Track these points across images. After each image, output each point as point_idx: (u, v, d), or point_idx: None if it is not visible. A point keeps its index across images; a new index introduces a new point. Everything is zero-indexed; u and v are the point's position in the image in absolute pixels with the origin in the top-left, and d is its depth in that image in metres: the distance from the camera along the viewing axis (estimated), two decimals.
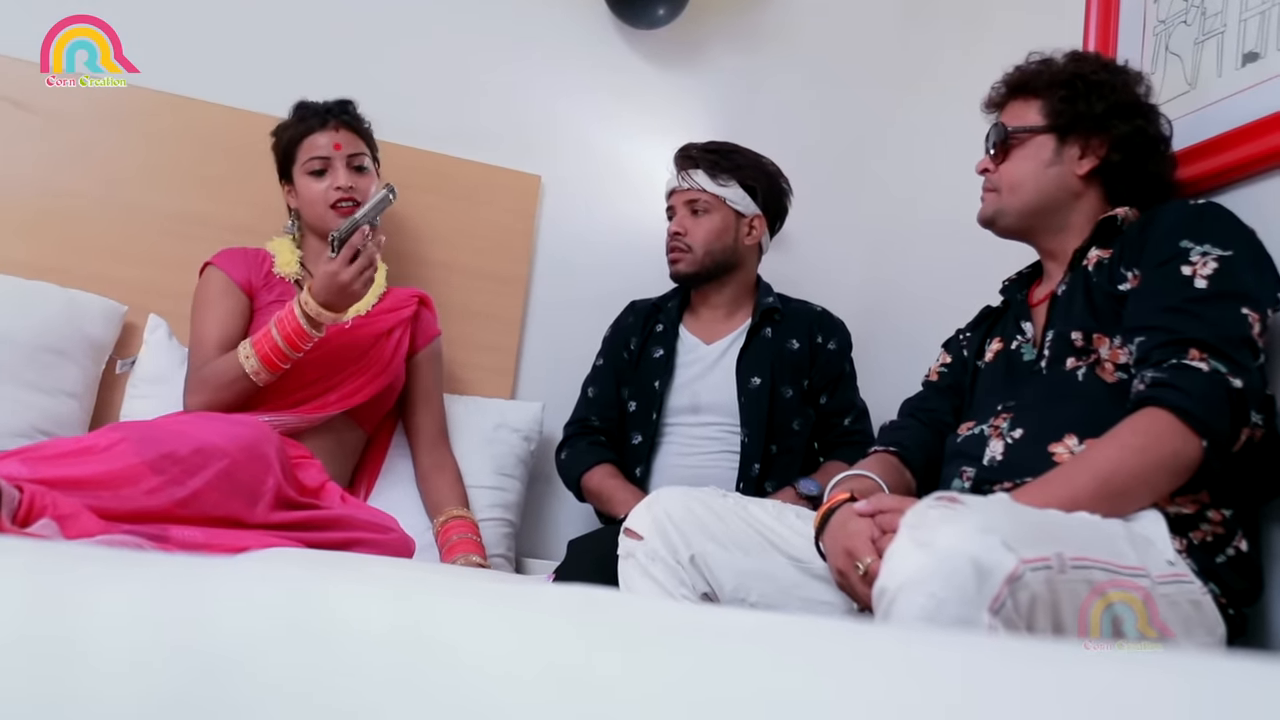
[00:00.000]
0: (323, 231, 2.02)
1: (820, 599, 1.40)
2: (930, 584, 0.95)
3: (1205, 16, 1.64)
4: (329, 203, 2.00)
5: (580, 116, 2.59)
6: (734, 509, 1.44)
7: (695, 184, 2.18)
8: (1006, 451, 1.39)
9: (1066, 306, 1.43)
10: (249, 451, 1.57)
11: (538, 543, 2.41)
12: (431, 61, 2.47)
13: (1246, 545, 1.26)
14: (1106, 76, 1.49)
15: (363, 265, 1.77)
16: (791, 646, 0.42)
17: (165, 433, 1.55)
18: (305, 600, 0.40)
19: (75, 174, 2.16)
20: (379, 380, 2.02)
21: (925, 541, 0.98)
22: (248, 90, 2.28)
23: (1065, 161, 1.49)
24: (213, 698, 0.36)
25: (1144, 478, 1.19)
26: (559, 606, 0.45)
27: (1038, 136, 1.50)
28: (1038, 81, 1.52)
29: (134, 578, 0.41)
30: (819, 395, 2.19)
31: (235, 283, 1.99)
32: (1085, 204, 1.50)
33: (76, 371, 2.00)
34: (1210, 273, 1.25)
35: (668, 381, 2.18)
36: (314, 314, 1.78)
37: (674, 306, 2.26)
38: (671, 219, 2.21)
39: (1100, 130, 1.46)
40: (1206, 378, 1.18)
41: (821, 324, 2.23)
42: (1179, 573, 1.16)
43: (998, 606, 0.95)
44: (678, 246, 2.18)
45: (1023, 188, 1.51)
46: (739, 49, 2.72)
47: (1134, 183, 1.48)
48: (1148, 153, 1.47)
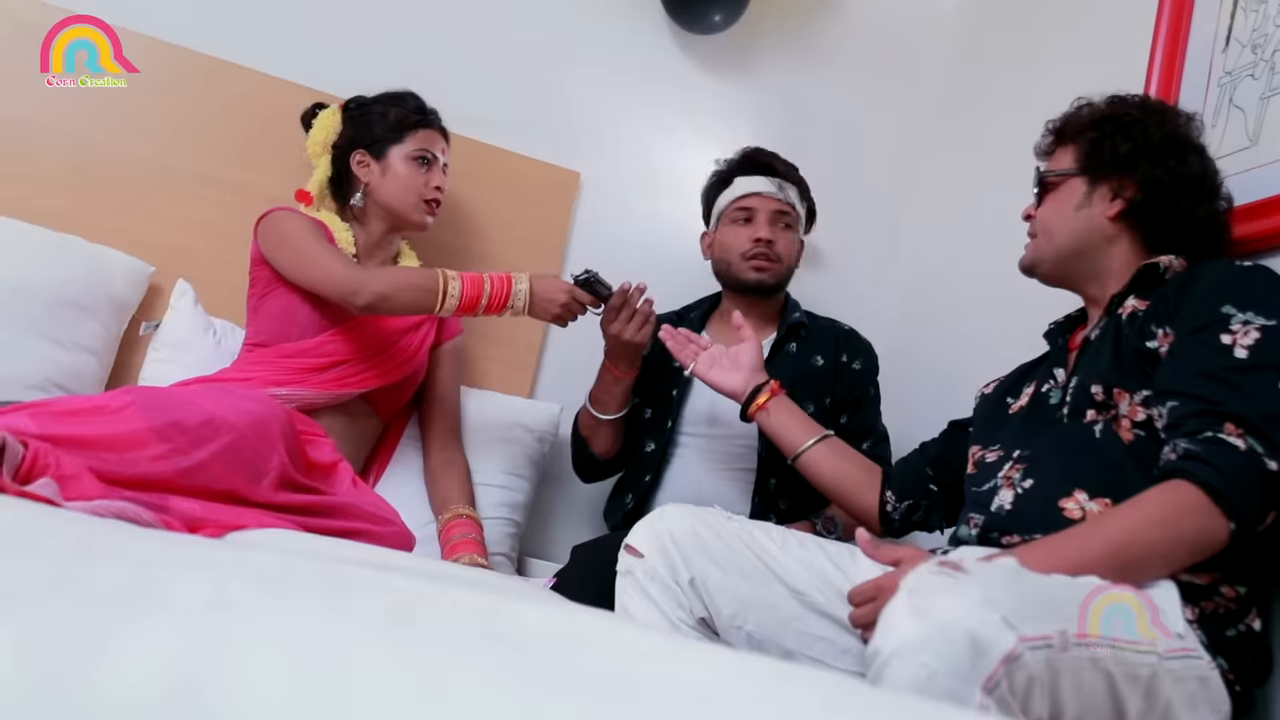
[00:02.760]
0: (396, 219, 2.03)
1: (817, 634, 1.38)
2: (924, 654, 0.92)
3: (1273, 72, 1.59)
4: (424, 196, 2.01)
5: (625, 116, 2.56)
6: (738, 533, 1.42)
7: (788, 198, 2.16)
8: (1016, 502, 1.36)
9: (1094, 356, 1.39)
10: (256, 428, 1.56)
11: (542, 543, 2.39)
12: (479, 49, 2.45)
13: (1260, 625, 1.22)
14: (1139, 116, 1.45)
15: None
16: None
17: (175, 401, 1.54)
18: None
19: (111, 131, 2.16)
20: (401, 369, 2.00)
21: (923, 610, 0.94)
22: (291, 60, 2.27)
23: (1095, 204, 1.45)
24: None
25: (1161, 552, 1.15)
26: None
27: (1070, 180, 1.48)
28: (1074, 125, 1.50)
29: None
30: (840, 414, 2.15)
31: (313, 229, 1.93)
32: (1120, 249, 1.45)
33: (97, 328, 1.99)
34: (1252, 343, 1.20)
35: (686, 390, 2.15)
36: (521, 304, 1.83)
37: (696, 317, 2.24)
38: (748, 221, 2.15)
39: (1128, 171, 1.42)
40: (1243, 457, 1.13)
41: (849, 343, 2.21)
42: (1187, 647, 1.12)
43: (991, 686, 0.91)
44: (767, 255, 2.13)
45: (1055, 232, 1.49)
46: (791, 63, 2.69)
47: (1171, 226, 1.42)
48: (1179, 194, 1.41)
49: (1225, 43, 1.72)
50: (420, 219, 2.03)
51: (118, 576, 0.55)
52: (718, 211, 2.21)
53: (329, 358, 1.91)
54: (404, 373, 2.02)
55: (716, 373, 1.75)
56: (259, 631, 0.46)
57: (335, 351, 1.92)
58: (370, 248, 2.05)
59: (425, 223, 2.04)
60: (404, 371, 2.01)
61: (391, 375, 1.99)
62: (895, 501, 1.62)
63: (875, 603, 1.16)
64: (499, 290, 1.82)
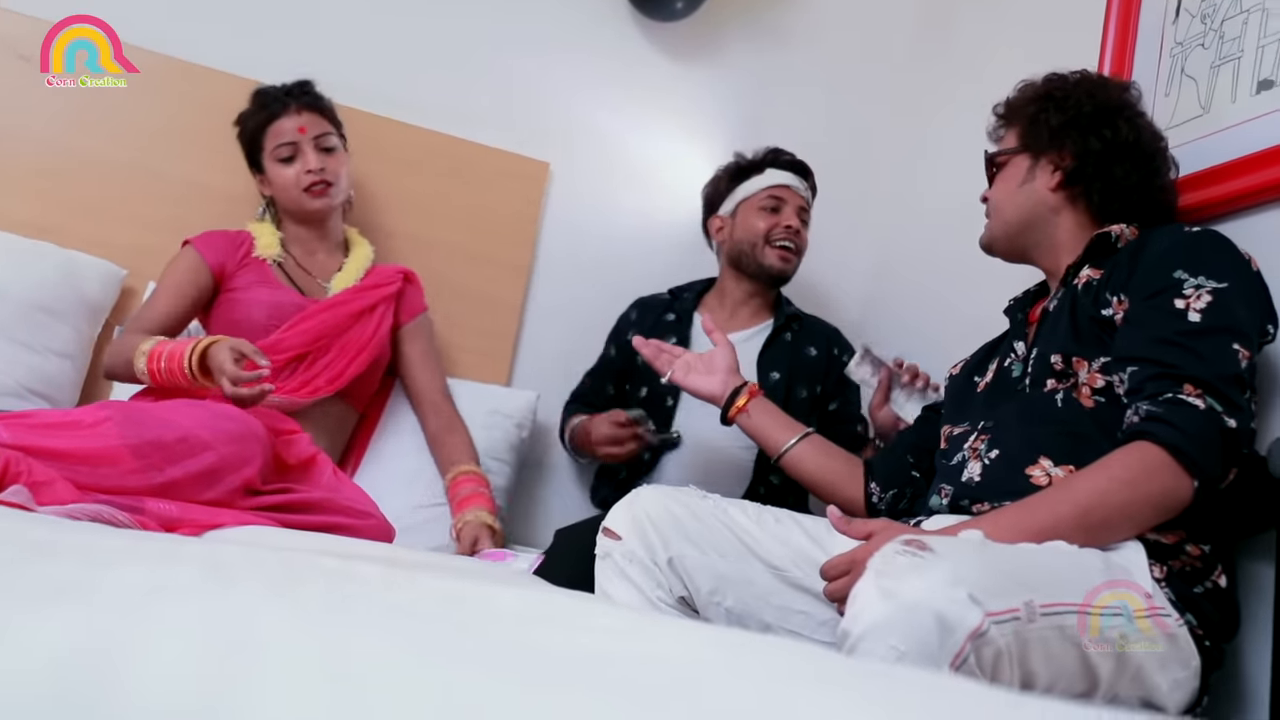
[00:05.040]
0: (299, 215, 2.06)
1: (795, 608, 1.39)
2: (892, 636, 0.94)
3: (1223, 41, 1.62)
4: (301, 186, 2.02)
5: (591, 105, 2.57)
6: (713, 511, 1.43)
7: (808, 198, 2.25)
8: (984, 473, 1.38)
9: (1053, 327, 1.42)
10: (234, 445, 1.57)
11: (526, 529, 2.40)
12: (444, 42, 2.45)
13: (1225, 581, 1.25)
14: (1071, 89, 1.49)
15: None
16: None
17: (152, 418, 1.55)
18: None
19: (82, 134, 2.15)
20: (362, 357, 2.01)
21: (890, 591, 0.97)
22: (261, 62, 2.26)
23: (1038, 179, 1.50)
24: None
25: (1128, 512, 1.17)
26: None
27: (1015, 158, 1.53)
28: (1016, 106, 1.55)
29: None
30: (829, 402, 2.23)
31: (207, 264, 2.00)
32: (1066, 220, 1.49)
33: (70, 332, 2.00)
34: (1204, 306, 1.23)
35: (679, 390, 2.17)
36: (196, 371, 1.74)
37: (690, 297, 2.29)
38: (775, 210, 2.21)
39: (1064, 143, 1.47)
40: (1203, 416, 1.16)
41: (838, 340, 2.29)
42: (1156, 606, 1.15)
43: (959, 662, 0.94)
44: (794, 244, 2.21)
45: (1005, 209, 1.53)
46: (755, 47, 2.70)
47: (1106, 193, 1.46)
48: (1112, 160, 1.45)
49: (1175, 14, 1.74)
50: (312, 207, 2.03)
51: (59, 568, 0.56)
52: (740, 197, 2.25)
53: (287, 353, 1.92)
54: (366, 360, 2.02)
55: (694, 378, 1.75)
56: (180, 615, 0.46)
57: (291, 346, 1.93)
58: (298, 243, 2.09)
59: (319, 207, 2.04)
60: (366, 359, 2.02)
61: (354, 367, 2.00)
62: (880, 492, 1.64)
63: (849, 576, 1.17)
64: (173, 359, 1.76)
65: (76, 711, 0.37)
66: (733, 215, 2.26)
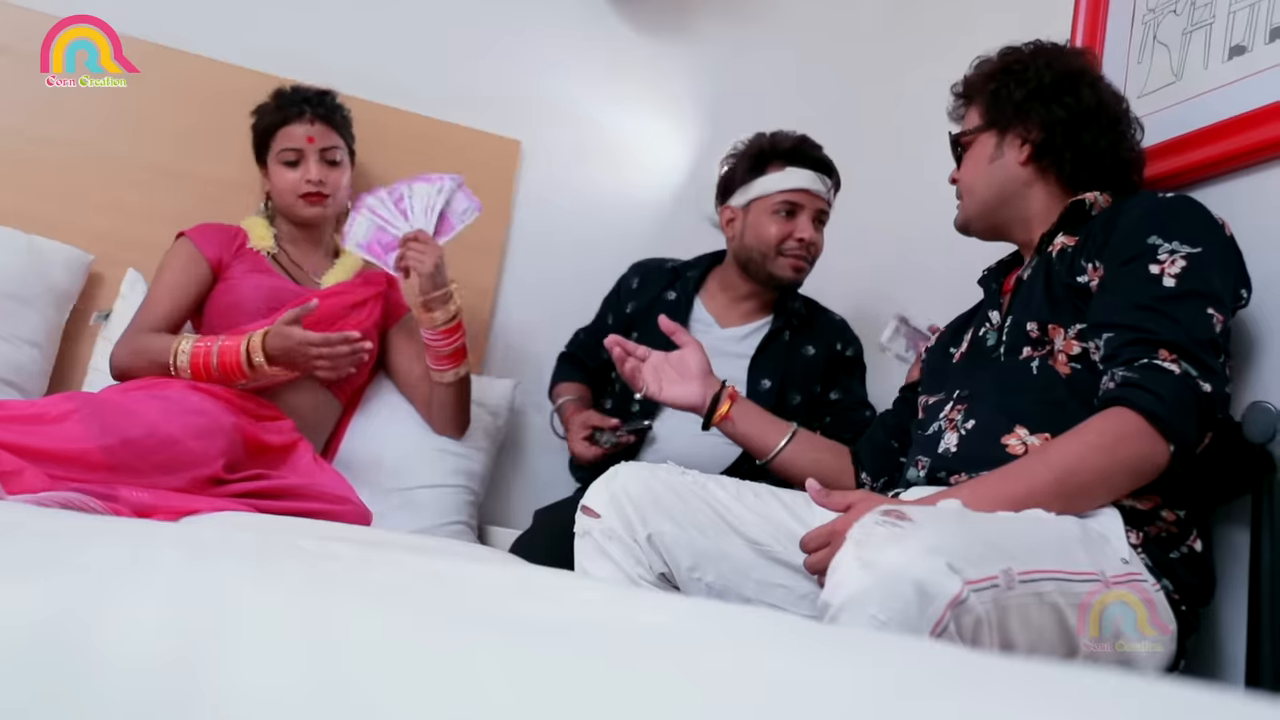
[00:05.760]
0: (292, 219, 2.08)
1: (775, 582, 1.40)
2: (872, 606, 0.95)
3: (1195, 7, 1.62)
4: (298, 193, 2.03)
5: (563, 81, 2.55)
6: (692, 487, 1.43)
7: (830, 198, 2.10)
8: (960, 444, 1.38)
9: (1028, 295, 1.42)
10: (201, 439, 1.58)
11: (503, 510, 2.40)
12: (412, 20, 2.42)
13: (1200, 546, 1.26)
14: (1029, 60, 1.48)
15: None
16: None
17: (119, 412, 1.55)
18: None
19: (47, 119, 2.12)
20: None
21: (869, 561, 0.97)
22: (227, 42, 2.24)
23: (1007, 154, 1.49)
24: None
25: (1106, 478, 1.18)
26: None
27: (980, 136, 1.52)
28: (975, 83, 1.54)
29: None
30: (829, 391, 2.13)
31: (204, 256, 1.99)
32: (1038, 192, 1.48)
33: (37, 319, 1.97)
34: (1178, 271, 1.23)
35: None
36: (257, 362, 1.79)
37: (694, 276, 2.18)
38: (790, 215, 2.05)
39: (1028, 115, 1.46)
40: (1179, 381, 1.16)
41: (843, 334, 2.19)
42: (1133, 572, 1.16)
43: (939, 631, 0.94)
44: (804, 256, 2.06)
45: (976, 188, 1.53)
46: (727, 20, 2.68)
47: (1077, 161, 1.45)
48: (1079, 127, 1.45)
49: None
50: (305, 214, 2.05)
51: (32, 546, 0.55)
52: (756, 194, 2.07)
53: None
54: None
55: (670, 389, 1.66)
56: (156, 583, 0.47)
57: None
58: (290, 241, 2.10)
59: (312, 215, 2.06)
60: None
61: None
62: (872, 481, 1.64)
63: (829, 548, 1.17)
64: (226, 354, 1.80)
65: (50, 670, 0.37)
66: (745, 210, 2.08)
